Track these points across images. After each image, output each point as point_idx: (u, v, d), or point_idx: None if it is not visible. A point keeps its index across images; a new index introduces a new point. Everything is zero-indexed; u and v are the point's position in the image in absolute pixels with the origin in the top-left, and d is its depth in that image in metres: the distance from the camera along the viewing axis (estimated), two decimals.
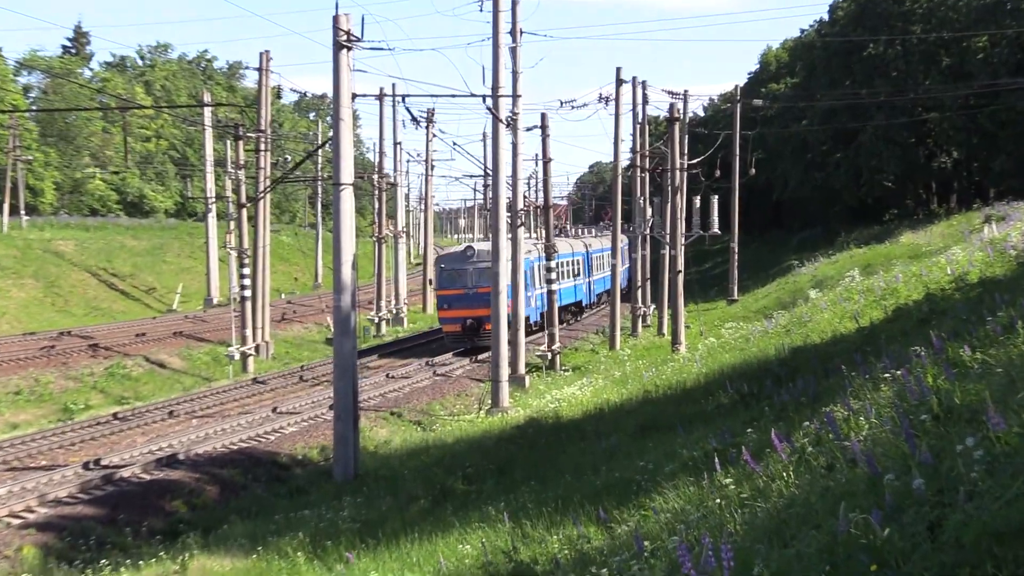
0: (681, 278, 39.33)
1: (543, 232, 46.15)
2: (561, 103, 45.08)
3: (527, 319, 46.77)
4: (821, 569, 6.46)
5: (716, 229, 41.22)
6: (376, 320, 58.03)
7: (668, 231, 41.94)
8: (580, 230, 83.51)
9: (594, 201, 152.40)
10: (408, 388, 38.17)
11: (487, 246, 47.20)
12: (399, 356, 48.50)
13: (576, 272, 59.88)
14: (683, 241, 40.69)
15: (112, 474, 24.85)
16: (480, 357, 44.25)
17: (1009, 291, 14.81)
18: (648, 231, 51.05)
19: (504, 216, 33.47)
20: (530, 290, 46.05)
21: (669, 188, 41.00)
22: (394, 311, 60.99)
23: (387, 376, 40.99)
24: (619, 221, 48.77)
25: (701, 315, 48.16)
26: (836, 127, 66.38)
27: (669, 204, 41.65)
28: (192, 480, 24.90)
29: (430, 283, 78.23)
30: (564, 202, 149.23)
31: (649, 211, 50.39)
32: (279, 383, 40.58)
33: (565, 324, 57.24)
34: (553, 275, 41.73)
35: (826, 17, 75.58)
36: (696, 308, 50.26)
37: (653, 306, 54.53)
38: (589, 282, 62.25)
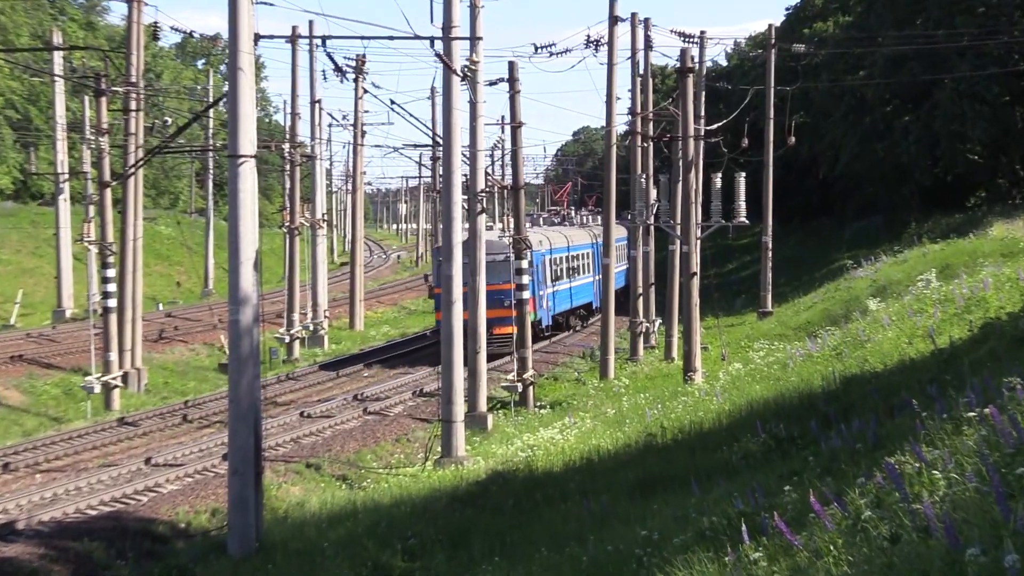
0: (696, 283, 39.51)
1: (511, 221, 46.45)
2: (536, 48, 44.81)
3: (539, 323, 54.91)
4: None
5: (743, 217, 41.39)
6: (287, 339, 57.93)
7: (679, 220, 42.02)
8: (584, 218, 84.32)
9: (579, 180, 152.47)
10: (330, 431, 38.06)
11: (500, 236, 52.82)
12: (318, 387, 48.43)
13: (585, 267, 63.88)
14: (699, 234, 40.85)
15: None
16: (428, 389, 44.25)
17: None
18: (652, 220, 51.18)
19: (459, 200, 33.54)
20: (541, 288, 55.89)
21: (680, 163, 41.16)
22: (311, 327, 60.91)
23: (302, 415, 40.87)
24: (612, 206, 48.87)
25: (723, 333, 48.41)
26: (904, 81, 66.82)
27: (680, 184, 41.82)
28: (35, 557, 24.70)
29: (426, 280, 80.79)
30: (540, 180, 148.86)
31: (654, 193, 50.43)
32: (155, 424, 40.35)
33: (571, 332, 63.60)
34: (525, 279, 41.87)
35: None
36: (716, 323, 50.49)
37: (659, 321, 54.78)
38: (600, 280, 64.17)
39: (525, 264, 42.03)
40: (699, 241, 40.91)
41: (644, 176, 51.00)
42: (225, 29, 23.26)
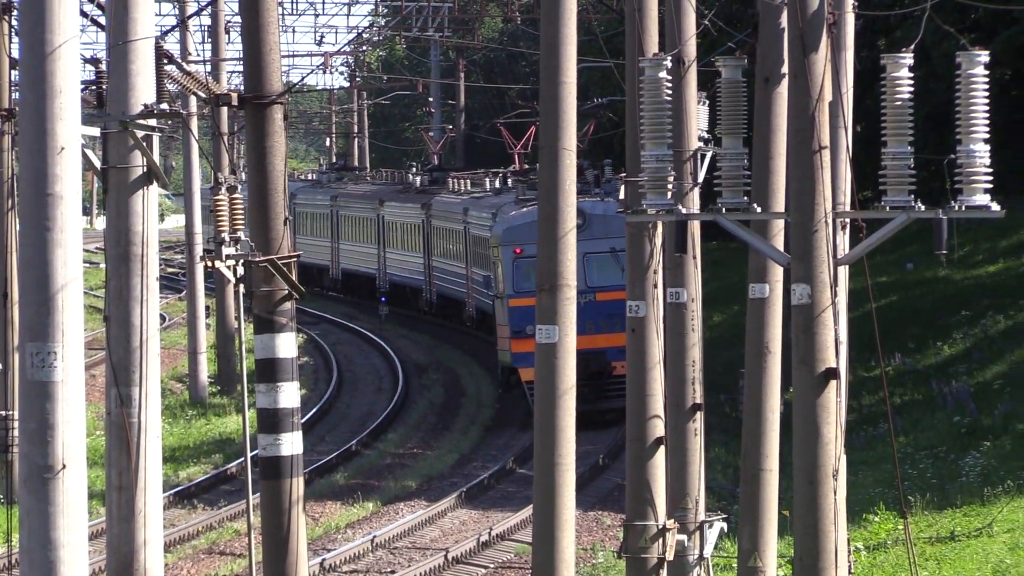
0: (839, 399, 12.05)
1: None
2: None
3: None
4: None
5: (982, 193, 11.04)
6: None
7: (784, 205, 15.49)
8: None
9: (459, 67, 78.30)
10: None
11: (609, 207, 37.85)
12: None
13: None
14: (845, 247, 15.24)
15: None
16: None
17: None
18: (695, 204, 19.50)
19: (75, 138, 8.51)
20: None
21: (801, 32, 11.56)
22: None
23: None
24: (567, 153, 15.44)
25: (919, 556, 23.57)
26: None
27: (789, 81, 11.07)
28: None
29: (488, 286, 44.16)
30: (344, 78, 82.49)
31: (702, 115, 18.18)
32: None
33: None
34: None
35: None
36: (903, 526, 23.55)
37: (717, 522, 19.71)
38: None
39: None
40: (845, 269, 15.20)
41: (669, 59, 13.56)
42: None
